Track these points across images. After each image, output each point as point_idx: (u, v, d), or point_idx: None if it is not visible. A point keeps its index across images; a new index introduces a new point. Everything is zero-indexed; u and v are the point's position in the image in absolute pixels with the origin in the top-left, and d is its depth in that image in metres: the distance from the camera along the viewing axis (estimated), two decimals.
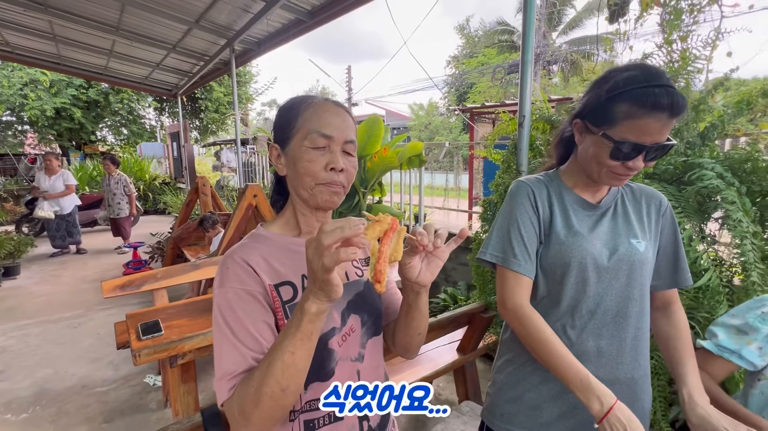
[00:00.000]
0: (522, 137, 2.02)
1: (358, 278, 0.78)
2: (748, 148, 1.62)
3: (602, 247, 0.87)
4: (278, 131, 0.73)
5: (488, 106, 6.58)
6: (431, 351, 2.10)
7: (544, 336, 0.84)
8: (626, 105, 0.77)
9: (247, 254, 0.67)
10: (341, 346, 0.71)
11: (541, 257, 0.91)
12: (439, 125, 22.45)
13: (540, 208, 0.91)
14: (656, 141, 0.77)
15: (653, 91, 0.74)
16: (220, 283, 0.65)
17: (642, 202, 0.95)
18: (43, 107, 11.09)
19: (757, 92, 1.74)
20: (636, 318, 0.89)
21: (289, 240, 0.73)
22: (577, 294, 0.88)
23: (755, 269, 1.33)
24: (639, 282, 0.88)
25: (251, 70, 13.73)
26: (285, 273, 0.68)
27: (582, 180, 0.93)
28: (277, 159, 0.74)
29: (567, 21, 17.56)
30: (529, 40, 1.97)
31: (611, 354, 0.88)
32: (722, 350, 0.93)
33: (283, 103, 0.75)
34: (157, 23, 4.97)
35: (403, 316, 0.77)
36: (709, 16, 1.81)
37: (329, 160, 0.68)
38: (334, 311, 0.70)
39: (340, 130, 0.69)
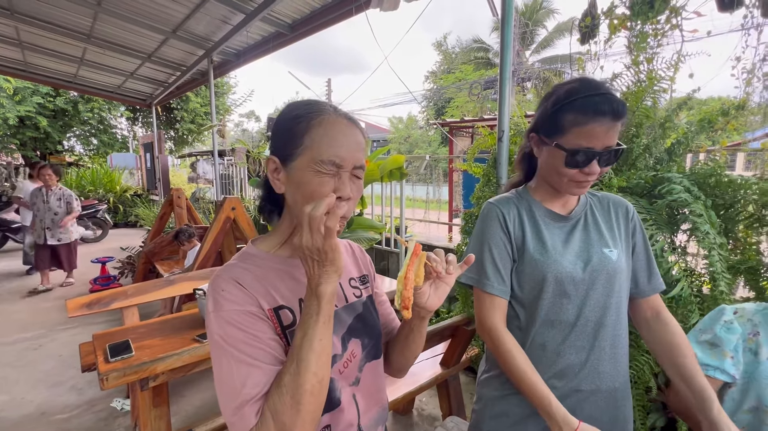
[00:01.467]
0: (501, 151, 2.07)
1: (357, 299, 0.75)
2: (712, 164, 1.71)
3: (576, 259, 0.89)
4: (279, 143, 0.65)
5: (467, 120, 6.75)
6: (414, 366, 2.07)
7: (513, 360, 0.85)
8: (571, 114, 0.82)
9: (239, 275, 0.62)
10: (342, 373, 0.68)
11: (518, 275, 0.92)
12: (419, 138, 22.80)
13: (511, 228, 0.93)
14: (606, 145, 0.81)
15: (593, 100, 0.80)
16: (216, 307, 0.59)
17: (610, 210, 0.97)
18: (5, 115, 10.57)
19: (717, 111, 1.85)
20: (613, 326, 0.90)
21: (282, 261, 0.68)
22: (555, 307, 0.89)
23: (723, 279, 1.40)
24: (615, 291, 0.90)
25: (229, 81, 13.60)
26: (282, 298, 0.64)
27: (549, 192, 0.95)
28: (274, 173, 0.66)
29: (539, 41, 18.37)
30: (507, 59, 2.04)
31: (592, 365, 0.89)
32: (707, 368, 0.93)
33: (286, 108, 0.67)
34: (132, 32, 4.86)
35: (402, 339, 0.76)
36: (671, 39, 1.94)
37: (337, 187, 0.62)
38: (333, 337, 0.65)
39: (351, 154, 0.63)
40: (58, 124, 12.08)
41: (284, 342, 0.61)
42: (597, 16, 2.16)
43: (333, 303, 0.57)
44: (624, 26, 2.06)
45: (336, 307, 0.69)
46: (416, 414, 2.39)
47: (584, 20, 2.20)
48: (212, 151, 5.81)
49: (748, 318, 0.94)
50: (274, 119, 0.69)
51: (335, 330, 0.66)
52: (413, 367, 2.08)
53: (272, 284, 0.64)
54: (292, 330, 0.62)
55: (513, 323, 0.94)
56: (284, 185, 0.65)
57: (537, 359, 0.88)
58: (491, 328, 0.90)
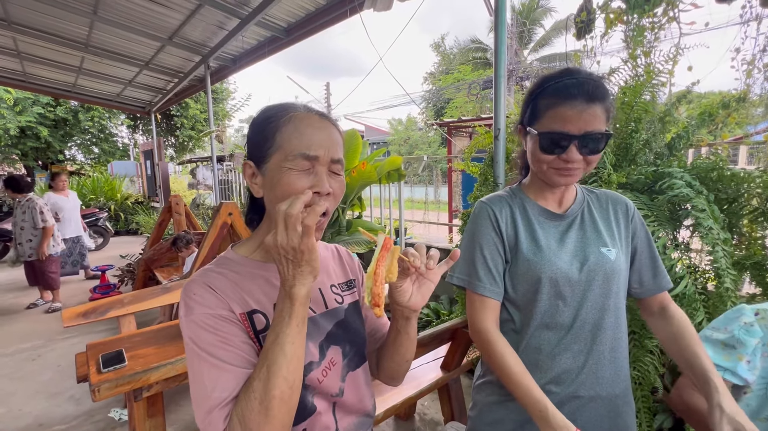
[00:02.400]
0: (498, 150, 2.04)
1: (338, 305, 0.72)
2: (713, 158, 1.67)
3: (572, 259, 0.86)
4: (253, 147, 0.65)
5: (465, 120, 6.72)
6: (415, 370, 2.04)
7: (506, 364, 0.82)
8: (545, 100, 0.82)
9: (211, 280, 0.61)
10: (322, 382, 0.65)
11: (512, 276, 0.89)
12: (418, 140, 22.79)
13: (503, 228, 0.90)
14: (584, 129, 0.77)
15: (564, 83, 0.79)
16: (187, 311, 0.58)
17: (609, 208, 0.93)
18: (6, 126, 10.62)
19: (717, 104, 1.82)
20: (612, 329, 0.87)
21: (256, 265, 0.66)
22: (550, 309, 0.85)
23: (728, 275, 1.36)
24: (614, 292, 0.86)
25: (228, 86, 13.64)
26: (256, 302, 0.63)
27: (542, 189, 0.92)
28: (251, 178, 0.65)
29: (537, 39, 18.35)
30: (501, 57, 2.01)
31: (591, 370, 0.85)
32: (717, 369, 0.88)
33: (260, 112, 0.66)
34: (129, 40, 4.86)
35: (390, 343, 0.73)
36: (669, 33, 1.90)
37: (313, 183, 0.60)
38: (310, 343, 0.64)
39: (325, 149, 0.61)
40: (59, 133, 12.13)
41: (257, 347, 0.59)
42: (593, 11, 2.13)
43: (307, 306, 0.55)
44: (620, 20, 2.03)
45: (314, 313, 0.67)
46: (418, 419, 2.35)
47: (580, 15, 2.17)
48: (211, 157, 5.80)
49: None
50: (249, 126, 0.68)
51: (312, 336, 0.65)
52: (414, 371, 2.04)
53: (247, 288, 0.63)
54: (266, 334, 0.60)
55: (507, 325, 0.91)
56: (261, 188, 0.65)
57: (533, 363, 0.85)
58: (482, 330, 0.87)
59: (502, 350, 0.83)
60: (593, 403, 0.86)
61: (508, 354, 0.83)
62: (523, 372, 0.81)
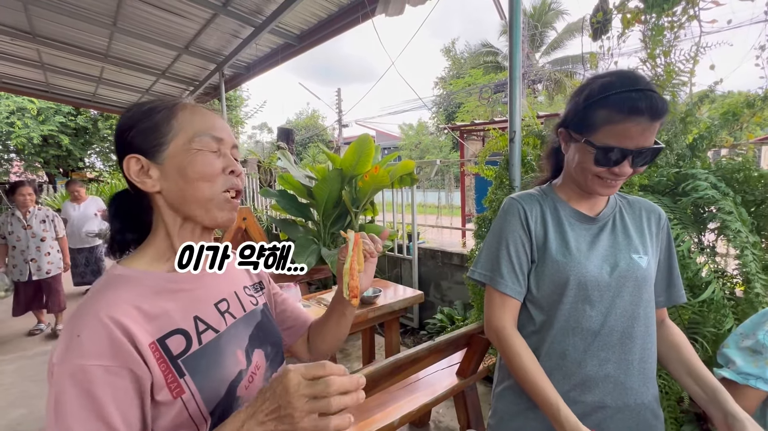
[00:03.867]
0: (514, 152, 2.01)
1: (254, 307, 0.71)
2: (739, 158, 1.62)
3: (602, 263, 0.83)
4: (137, 139, 0.57)
5: (478, 123, 6.68)
6: (430, 376, 2.01)
7: (522, 362, 0.81)
8: (604, 111, 0.76)
9: (110, 308, 0.49)
10: (248, 388, 0.61)
11: (537, 276, 0.87)
12: (429, 144, 22.76)
13: (532, 227, 0.88)
14: (640, 145, 0.74)
15: (630, 96, 0.73)
16: (64, 356, 0.46)
17: (642, 215, 0.90)
18: (29, 135, 11.01)
19: (742, 103, 1.76)
20: (642, 338, 0.84)
21: (163, 278, 0.57)
22: (577, 314, 0.83)
23: (758, 280, 1.30)
24: (644, 300, 0.83)
25: (242, 94, 13.89)
26: (169, 321, 0.54)
27: (576, 192, 0.90)
28: (140, 173, 0.57)
29: (549, 42, 18.21)
30: (516, 59, 1.99)
31: (618, 379, 0.82)
32: (747, 377, 0.85)
33: (131, 111, 0.60)
34: (147, 49, 4.99)
35: (333, 326, 0.78)
36: (689, 31, 1.86)
37: (227, 163, 0.60)
38: (237, 350, 0.61)
39: (227, 133, 0.62)
40: (79, 141, 12.52)
41: (171, 375, 0.52)
42: (609, 11, 2.10)
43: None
44: (638, 20, 1.99)
45: (234, 318, 0.65)
46: (433, 427, 2.32)
47: (595, 15, 2.14)
48: None
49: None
50: (118, 126, 0.61)
51: (238, 344, 0.62)
52: (429, 377, 2.02)
53: (157, 308, 0.54)
54: (186, 357, 0.54)
55: (528, 328, 0.89)
56: (158, 181, 0.58)
57: (555, 368, 0.83)
58: (499, 328, 0.86)
59: (518, 348, 0.83)
60: (620, 414, 0.82)
61: (524, 352, 0.82)
62: (538, 371, 0.80)
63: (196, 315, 0.58)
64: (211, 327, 0.59)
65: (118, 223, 0.63)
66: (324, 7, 3.66)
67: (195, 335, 0.57)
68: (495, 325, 0.87)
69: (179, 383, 0.52)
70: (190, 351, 0.55)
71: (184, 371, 0.53)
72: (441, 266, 3.68)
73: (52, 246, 3.72)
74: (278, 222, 3.60)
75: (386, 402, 1.80)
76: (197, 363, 0.55)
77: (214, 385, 0.55)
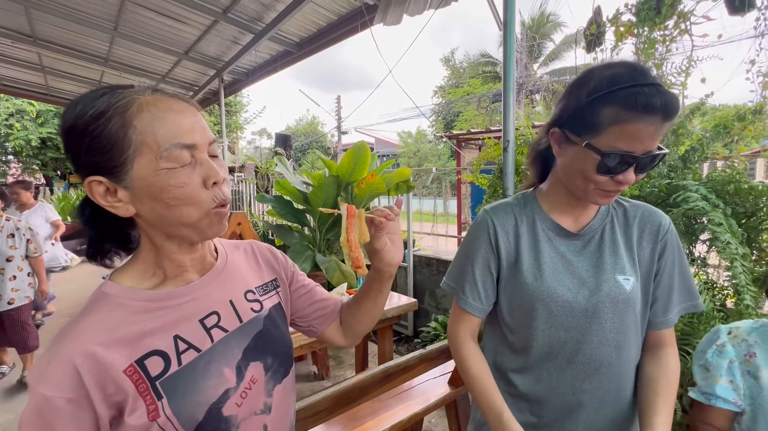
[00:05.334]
0: (507, 162, 2.03)
1: (256, 314, 0.65)
2: (729, 171, 1.63)
3: (579, 286, 0.76)
4: (93, 158, 0.49)
5: (474, 132, 6.73)
6: (422, 385, 2.00)
7: (469, 368, 0.82)
8: (612, 108, 0.64)
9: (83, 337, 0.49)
10: (241, 406, 0.57)
11: (508, 295, 0.82)
12: (428, 152, 22.87)
13: (501, 244, 0.81)
14: (648, 149, 0.65)
15: (643, 90, 0.62)
16: (35, 382, 0.47)
17: (633, 227, 0.79)
18: (28, 137, 11.01)
19: (732, 116, 1.78)
20: (621, 367, 0.77)
21: (146, 296, 0.55)
22: (550, 340, 0.77)
23: (748, 292, 1.31)
24: (627, 326, 0.76)
25: (242, 99, 13.97)
26: (147, 343, 0.52)
27: (562, 201, 0.80)
28: (107, 196, 0.50)
29: (547, 53, 18.43)
30: (510, 70, 2.02)
31: (593, 408, 0.78)
32: (708, 397, 0.84)
33: (76, 111, 0.49)
34: (147, 54, 5.03)
35: (369, 304, 0.75)
36: (681, 45, 1.89)
37: (205, 174, 0.51)
38: (224, 368, 0.57)
39: (200, 133, 0.52)
40: None
41: (150, 397, 0.50)
42: (602, 24, 2.13)
43: None
44: (631, 33, 2.03)
45: (225, 332, 0.59)
46: None
47: (589, 28, 2.17)
48: None
49: (743, 338, 0.84)
50: (64, 130, 0.50)
51: (226, 360, 0.58)
52: (421, 386, 2.00)
53: (138, 328, 0.52)
54: (164, 379, 0.52)
55: (503, 348, 0.87)
56: (131, 204, 0.51)
57: (532, 395, 0.81)
58: (454, 335, 0.86)
59: (467, 354, 0.83)
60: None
61: (472, 359, 0.82)
62: (485, 376, 0.80)
63: (176, 334, 0.55)
64: (193, 346, 0.56)
65: (92, 231, 0.57)
66: (323, 16, 3.71)
67: (174, 355, 0.54)
68: (451, 333, 0.88)
69: (156, 406, 0.50)
70: (169, 373, 0.52)
71: (161, 393, 0.51)
72: (436, 274, 3.67)
73: (21, 268, 2.81)
74: (274, 228, 3.60)
75: (378, 410, 1.78)
76: (175, 385, 0.52)
77: (189, 410, 0.52)
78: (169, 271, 0.58)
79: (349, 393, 1.33)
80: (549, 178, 0.84)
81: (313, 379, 2.99)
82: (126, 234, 0.59)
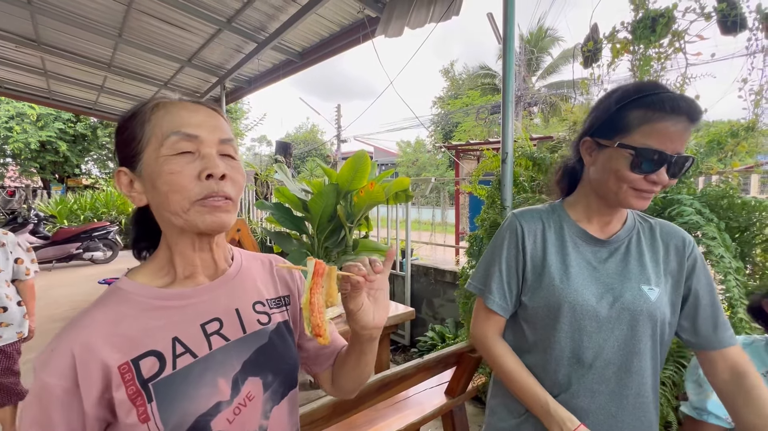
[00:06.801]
0: (505, 173, 2.05)
1: (262, 327, 0.62)
2: (723, 186, 1.67)
3: (604, 292, 0.78)
4: (122, 149, 0.56)
5: (473, 143, 6.79)
6: (419, 395, 1.99)
7: (507, 364, 0.82)
8: (641, 110, 0.71)
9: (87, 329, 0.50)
10: (233, 422, 0.54)
11: (532, 298, 0.84)
12: (426, 162, 23.00)
13: (528, 246, 0.84)
14: (677, 150, 0.70)
15: (669, 95, 0.69)
16: (40, 367, 0.49)
17: (659, 241, 0.83)
18: (27, 140, 11.02)
19: (726, 133, 1.82)
20: (640, 374, 0.79)
21: (154, 293, 0.55)
22: (572, 343, 0.79)
23: (741, 305, 1.32)
24: (648, 335, 0.77)
25: (243, 107, 14.06)
26: (146, 341, 0.52)
27: (590, 211, 0.83)
28: (129, 187, 0.56)
29: (545, 67, 18.70)
30: (509, 82, 2.06)
31: (610, 412, 0.79)
32: (700, 412, 0.85)
33: (121, 117, 0.57)
34: (150, 61, 5.08)
35: (353, 364, 0.66)
36: (675, 62, 1.94)
37: (203, 167, 0.52)
38: (219, 379, 0.54)
39: (208, 129, 0.54)
40: (77, 148, 12.54)
41: (141, 398, 0.50)
42: (599, 41, 2.19)
43: None
44: (627, 50, 2.08)
45: (226, 340, 0.58)
46: None
47: (586, 44, 2.22)
48: None
49: None
50: (114, 132, 0.59)
51: (223, 371, 0.55)
52: (417, 396, 2.00)
53: (135, 323, 0.52)
54: (157, 381, 0.51)
55: (522, 346, 0.88)
56: (143, 194, 0.55)
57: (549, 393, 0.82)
58: (482, 335, 0.88)
59: (501, 351, 0.84)
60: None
61: (508, 355, 0.83)
62: (523, 370, 0.81)
63: (176, 336, 0.54)
64: (190, 350, 0.54)
65: (135, 231, 0.64)
66: (326, 27, 3.77)
67: (170, 358, 0.52)
68: (478, 334, 0.89)
69: (146, 408, 0.50)
70: (162, 376, 0.51)
71: (152, 396, 0.50)
72: (434, 283, 3.68)
73: (10, 297, 2.10)
74: (272, 235, 3.61)
75: (374, 419, 1.77)
76: (167, 389, 0.51)
77: (176, 418, 0.50)
78: (180, 270, 0.58)
79: (345, 402, 1.33)
80: (577, 190, 0.88)
81: (309, 388, 2.97)
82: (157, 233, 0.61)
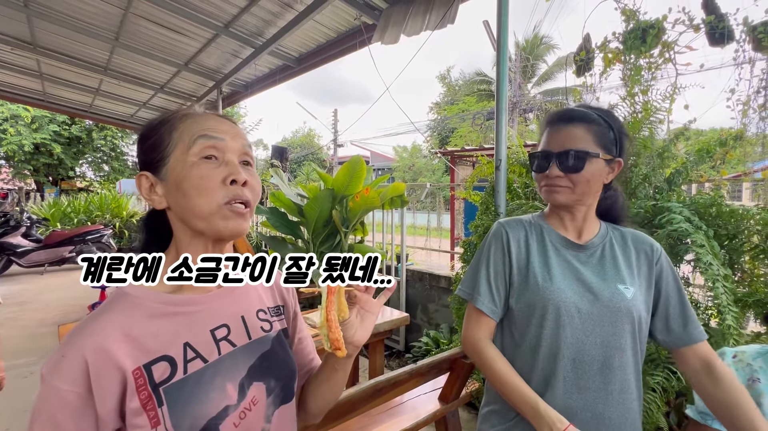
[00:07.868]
0: (499, 180, 2.07)
1: (265, 334, 0.64)
2: (712, 194, 1.69)
3: (585, 291, 0.85)
4: (147, 154, 0.59)
5: (468, 149, 6.83)
6: (413, 400, 1.99)
7: (496, 367, 0.85)
8: (542, 128, 0.94)
9: (99, 333, 0.51)
10: (238, 426, 0.56)
11: (518, 299, 0.89)
12: (423, 167, 23.09)
13: (513, 251, 0.91)
14: (564, 147, 0.85)
15: (552, 112, 0.92)
16: (49, 373, 0.49)
17: (630, 247, 0.91)
18: (21, 142, 10.93)
19: (715, 142, 1.86)
20: (623, 370, 0.84)
21: (165, 299, 0.56)
22: (556, 340, 0.84)
23: (729, 312, 1.34)
24: (627, 332, 0.83)
25: (239, 111, 14.07)
26: (157, 346, 0.53)
27: (561, 217, 0.93)
28: (150, 191, 0.58)
29: (540, 74, 18.90)
30: (503, 90, 2.09)
31: (596, 410, 0.83)
32: (704, 416, 0.86)
33: (147, 124, 0.61)
34: (147, 65, 5.08)
35: (323, 381, 0.69)
36: (666, 72, 1.97)
37: (228, 172, 0.56)
38: (228, 383, 0.56)
39: (232, 136, 0.58)
40: (71, 150, 12.46)
41: (151, 402, 0.51)
42: (591, 50, 2.22)
43: None
44: (618, 60, 2.11)
45: (233, 346, 0.60)
46: None
47: (579, 54, 2.26)
48: None
49: (748, 362, 0.87)
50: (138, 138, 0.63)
51: (231, 376, 0.57)
52: (411, 402, 1.99)
53: (149, 331, 0.54)
54: (169, 385, 0.52)
55: (510, 348, 0.91)
56: (164, 198, 0.58)
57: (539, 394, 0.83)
58: (474, 339, 0.90)
59: (492, 354, 0.87)
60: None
61: (498, 358, 0.86)
62: (512, 372, 0.84)
63: (187, 341, 0.55)
64: (201, 355, 0.56)
65: (144, 236, 0.65)
66: (323, 33, 3.79)
67: (181, 363, 0.54)
68: (470, 337, 0.91)
69: (157, 412, 0.51)
70: (173, 380, 0.53)
71: (163, 400, 0.51)
72: (429, 288, 3.68)
73: None
74: (268, 239, 3.60)
75: (367, 425, 1.77)
76: (178, 394, 0.52)
77: (188, 421, 0.51)
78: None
79: (339, 407, 1.33)
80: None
81: None
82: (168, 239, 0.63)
